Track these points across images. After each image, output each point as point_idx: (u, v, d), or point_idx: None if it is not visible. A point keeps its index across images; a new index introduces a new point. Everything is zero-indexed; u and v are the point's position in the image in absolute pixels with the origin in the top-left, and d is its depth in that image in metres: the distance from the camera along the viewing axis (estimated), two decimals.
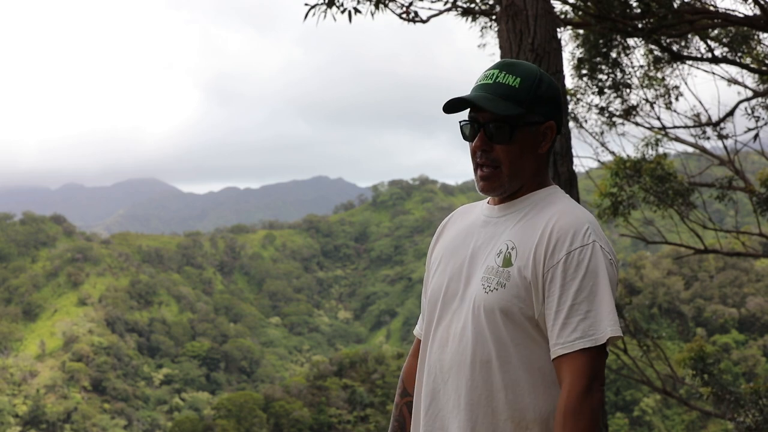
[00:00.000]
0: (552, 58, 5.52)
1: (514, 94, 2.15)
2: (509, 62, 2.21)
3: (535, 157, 2.20)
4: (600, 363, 2.02)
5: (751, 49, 11.40)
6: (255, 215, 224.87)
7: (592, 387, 2.00)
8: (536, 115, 2.17)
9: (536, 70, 2.19)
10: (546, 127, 2.19)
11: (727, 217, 55.81)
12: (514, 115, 2.14)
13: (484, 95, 2.16)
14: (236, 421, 55.17)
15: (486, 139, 2.17)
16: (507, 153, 2.16)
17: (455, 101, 2.16)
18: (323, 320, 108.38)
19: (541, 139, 2.19)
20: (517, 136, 2.16)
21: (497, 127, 2.15)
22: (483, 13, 9.73)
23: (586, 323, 2.01)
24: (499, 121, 2.15)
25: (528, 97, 2.15)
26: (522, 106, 2.14)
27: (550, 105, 2.18)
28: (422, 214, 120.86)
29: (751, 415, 10.51)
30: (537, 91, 2.16)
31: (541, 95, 2.17)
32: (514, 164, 2.17)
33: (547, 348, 2.09)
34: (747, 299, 62.54)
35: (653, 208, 11.77)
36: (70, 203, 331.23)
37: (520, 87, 2.15)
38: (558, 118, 2.21)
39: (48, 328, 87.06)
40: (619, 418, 54.75)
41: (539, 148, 2.19)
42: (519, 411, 2.08)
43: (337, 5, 7.38)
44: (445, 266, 2.28)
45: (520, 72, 2.17)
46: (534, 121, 2.17)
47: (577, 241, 2.07)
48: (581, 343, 2.00)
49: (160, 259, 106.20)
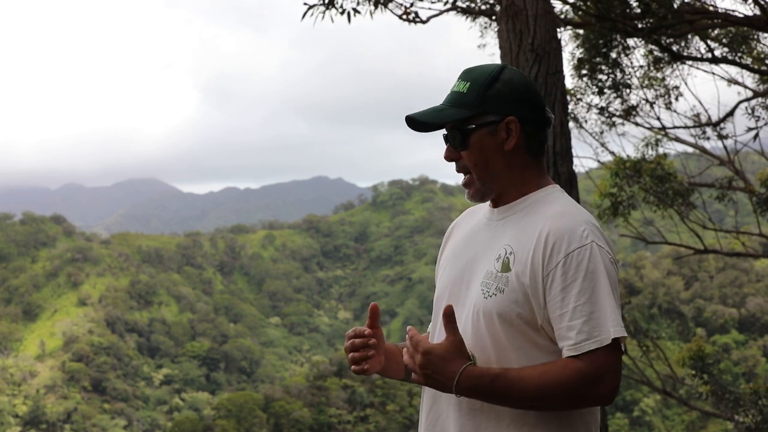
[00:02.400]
0: (552, 58, 5.51)
1: (462, 100, 2.16)
2: (467, 69, 2.23)
3: (502, 156, 2.17)
4: (610, 360, 2.00)
5: (751, 49, 11.40)
6: (255, 215, 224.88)
7: (602, 378, 1.99)
8: (489, 114, 2.15)
9: (491, 71, 2.18)
10: (506, 122, 2.15)
11: (727, 218, 55.75)
12: (460, 119, 2.15)
13: (432, 109, 2.20)
14: (236, 421, 55.17)
15: (451, 149, 2.21)
16: (469, 158, 2.17)
17: (410, 121, 2.19)
18: (323, 320, 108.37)
19: (505, 135, 2.16)
20: (471, 139, 2.16)
21: (452, 136, 2.18)
22: (483, 13, 9.73)
23: (591, 325, 2.00)
24: (452, 129, 2.18)
25: (476, 100, 2.15)
26: (470, 109, 2.15)
27: (506, 101, 2.15)
28: (422, 214, 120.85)
29: (750, 415, 10.51)
30: (486, 91, 2.15)
31: (493, 94, 2.15)
32: (481, 167, 2.17)
33: (549, 352, 2.08)
34: (747, 299, 62.54)
35: (653, 208, 11.77)
36: (70, 203, 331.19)
37: (467, 91, 2.16)
38: (523, 112, 2.16)
39: (48, 329, 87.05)
40: (619, 418, 54.74)
41: (504, 146, 2.16)
42: (522, 415, 2.07)
43: (336, 6, 7.37)
44: (449, 270, 2.28)
45: (471, 77, 2.18)
46: (488, 120, 2.15)
47: (574, 243, 2.04)
48: (588, 345, 1.99)
49: (160, 259, 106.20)
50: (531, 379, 1.98)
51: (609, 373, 1.99)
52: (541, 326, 2.08)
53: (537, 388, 1.97)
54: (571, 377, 1.97)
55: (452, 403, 2.14)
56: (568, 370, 1.97)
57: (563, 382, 1.97)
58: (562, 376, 1.97)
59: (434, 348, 2.00)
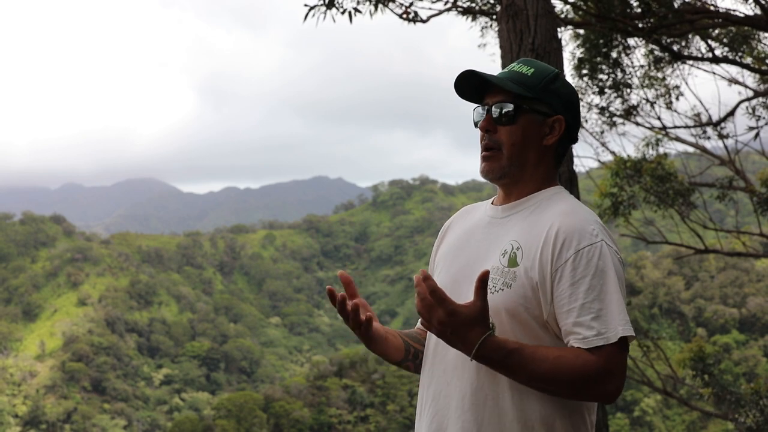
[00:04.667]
0: (552, 57, 5.50)
1: (525, 80, 2.19)
2: (529, 59, 2.29)
3: (538, 148, 2.20)
4: (617, 358, 2.01)
5: (751, 48, 11.39)
6: (255, 215, 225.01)
7: (609, 375, 2.00)
8: (544, 104, 2.19)
9: (554, 69, 2.23)
10: (554, 120, 2.19)
11: (727, 217, 55.80)
12: (520, 95, 2.17)
13: (495, 75, 2.21)
14: (236, 421, 55.19)
15: (491, 120, 2.20)
16: (509, 135, 2.18)
17: (466, 76, 2.20)
18: (323, 320, 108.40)
19: (548, 131, 2.19)
20: (520, 119, 2.18)
21: (502, 108, 2.18)
22: (483, 13, 9.72)
23: (599, 322, 2.01)
24: (505, 102, 2.18)
25: (538, 85, 2.18)
26: (530, 91, 2.17)
27: (561, 100, 2.20)
28: (422, 214, 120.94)
29: (751, 416, 10.50)
30: (549, 84, 2.19)
31: (553, 89, 2.20)
32: (515, 148, 2.18)
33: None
34: (747, 299, 62.60)
35: (654, 208, 11.76)
36: (69, 203, 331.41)
37: (532, 75, 2.19)
38: (569, 118, 2.21)
39: (48, 328, 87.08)
40: (620, 418, 54.78)
41: (544, 140, 2.19)
42: (526, 411, 2.07)
43: (337, 6, 7.36)
44: (449, 267, 2.27)
45: (536, 65, 2.22)
46: (541, 110, 2.18)
47: (585, 240, 2.06)
48: (596, 341, 2.00)
49: (159, 259, 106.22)
50: (545, 360, 1.99)
51: (616, 370, 2.00)
52: (546, 321, 2.08)
53: (550, 370, 1.98)
54: (583, 367, 1.98)
55: (454, 399, 2.14)
56: (581, 359, 1.99)
57: (576, 369, 1.98)
58: (576, 362, 1.98)
59: (460, 310, 1.96)
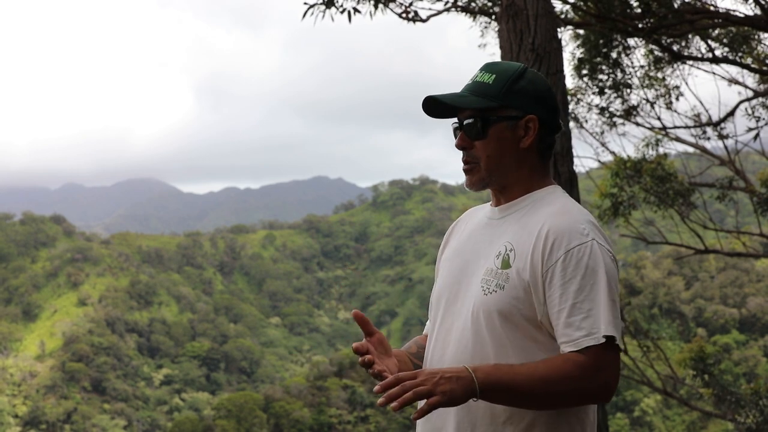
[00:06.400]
0: (552, 58, 5.50)
1: (487, 90, 2.17)
2: (491, 63, 2.25)
3: (516, 153, 2.18)
4: (609, 357, 2.01)
5: (751, 49, 11.39)
6: (255, 215, 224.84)
7: (601, 374, 1.99)
8: (512, 108, 2.16)
9: (517, 67, 2.20)
10: (526, 120, 2.17)
11: (727, 218, 55.78)
12: (483, 108, 2.16)
13: (454, 93, 2.20)
14: (236, 421, 55.17)
15: (465, 137, 2.20)
16: (484, 148, 2.18)
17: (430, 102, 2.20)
18: (323, 320, 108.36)
19: (522, 133, 2.17)
20: (490, 130, 2.17)
21: (471, 124, 2.18)
22: (483, 13, 9.72)
23: (589, 321, 2.00)
24: (472, 116, 2.18)
25: (501, 92, 2.16)
26: (494, 100, 2.16)
27: (529, 99, 2.17)
28: (422, 214, 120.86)
29: (751, 416, 10.50)
30: (513, 85, 2.17)
31: (518, 90, 2.17)
32: (491, 159, 2.18)
33: (548, 350, 2.08)
34: (747, 299, 62.56)
35: (654, 209, 11.77)
36: (69, 203, 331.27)
37: (493, 83, 2.17)
38: (543, 113, 2.18)
39: (48, 329, 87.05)
40: (620, 418, 54.74)
41: (520, 143, 2.18)
42: (519, 413, 2.07)
43: (336, 5, 7.36)
44: (450, 268, 2.28)
45: (497, 70, 2.20)
46: (510, 115, 2.16)
47: (575, 240, 2.06)
48: (586, 341, 2.00)
49: (160, 259, 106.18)
50: (536, 369, 1.97)
51: (607, 369, 2.00)
52: (540, 322, 2.08)
53: (541, 378, 1.97)
54: (572, 369, 1.97)
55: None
56: (570, 362, 1.98)
57: (565, 372, 1.97)
58: (564, 366, 1.98)
59: (422, 370, 1.94)
